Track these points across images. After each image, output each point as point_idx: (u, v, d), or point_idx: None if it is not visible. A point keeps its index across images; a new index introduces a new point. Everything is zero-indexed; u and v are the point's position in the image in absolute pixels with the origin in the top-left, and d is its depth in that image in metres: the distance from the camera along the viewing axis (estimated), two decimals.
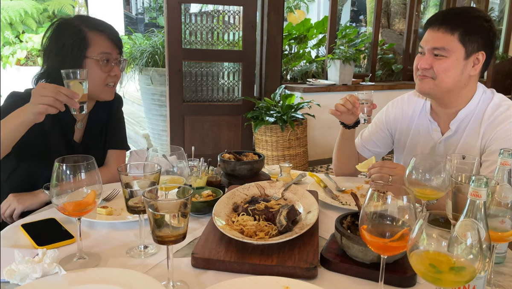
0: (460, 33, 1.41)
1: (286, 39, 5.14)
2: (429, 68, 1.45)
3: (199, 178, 1.46)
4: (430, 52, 1.45)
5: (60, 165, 0.99)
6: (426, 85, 1.49)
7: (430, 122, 1.61)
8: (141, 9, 13.78)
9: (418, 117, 1.66)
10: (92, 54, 1.51)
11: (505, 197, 0.91)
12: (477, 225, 0.72)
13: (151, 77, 4.53)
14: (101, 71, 1.53)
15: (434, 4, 8.08)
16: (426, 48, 1.46)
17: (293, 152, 4.02)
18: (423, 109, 1.65)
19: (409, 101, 1.71)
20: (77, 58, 1.50)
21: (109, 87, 1.58)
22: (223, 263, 1.00)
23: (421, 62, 1.47)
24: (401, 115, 1.71)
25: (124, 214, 1.29)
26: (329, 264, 1.03)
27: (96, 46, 1.52)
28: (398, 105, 1.74)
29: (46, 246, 1.06)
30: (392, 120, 1.74)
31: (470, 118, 1.52)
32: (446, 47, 1.42)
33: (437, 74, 1.44)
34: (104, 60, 1.52)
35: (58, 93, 1.22)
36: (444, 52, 1.42)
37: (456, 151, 1.54)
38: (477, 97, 1.52)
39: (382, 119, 1.77)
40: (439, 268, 0.73)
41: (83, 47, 1.51)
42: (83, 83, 1.31)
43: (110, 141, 1.73)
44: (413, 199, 0.84)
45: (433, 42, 1.44)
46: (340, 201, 1.45)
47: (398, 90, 5.24)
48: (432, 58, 1.45)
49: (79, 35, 1.51)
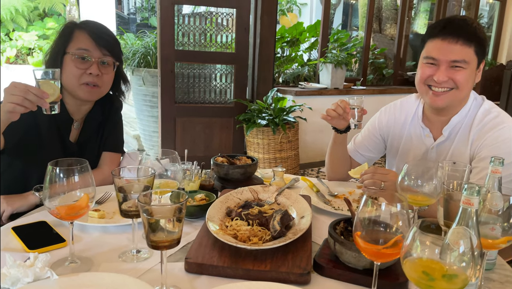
0: (475, 45, 1.43)
1: (279, 42, 5.15)
2: (447, 80, 1.44)
3: (192, 182, 1.46)
4: (448, 64, 1.43)
5: (53, 168, 0.98)
6: (445, 99, 1.47)
7: (422, 129, 1.63)
8: (133, 9, 13.69)
9: (410, 123, 1.68)
10: (70, 50, 1.53)
11: (495, 205, 0.93)
12: (470, 233, 0.73)
13: (143, 78, 4.51)
14: (75, 67, 1.52)
15: (425, 10, 8.17)
16: (443, 60, 1.44)
17: (285, 155, 4.03)
18: (415, 115, 1.67)
19: (402, 107, 1.73)
20: (58, 53, 1.53)
21: (87, 86, 1.55)
22: (216, 268, 1.00)
23: (439, 75, 1.44)
24: (393, 121, 1.73)
25: (116, 217, 1.29)
26: (322, 270, 1.03)
27: (76, 42, 1.54)
28: (391, 111, 1.75)
29: (38, 250, 1.05)
30: (385, 126, 1.75)
31: (461, 125, 1.54)
32: (466, 59, 1.42)
33: (458, 84, 1.44)
34: (80, 56, 1.52)
35: (27, 92, 1.21)
36: (464, 64, 1.42)
37: (447, 157, 1.55)
38: (469, 104, 1.54)
39: (375, 125, 1.79)
40: (432, 276, 0.73)
41: (66, 42, 1.54)
42: (55, 83, 1.29)
43: (105, 144, 1.72)
44: (407, 205, 0.85)
45: (452, 55, 1.42)
46: (333, 206, 1.46)
47: (389, 95, 5.29)
48: (450, 70, 1.44)
49: (66, 30, 1.56)
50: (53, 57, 1.55)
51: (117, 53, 1.62)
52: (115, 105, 1.74)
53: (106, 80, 1.60)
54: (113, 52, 1.60)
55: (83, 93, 1.56)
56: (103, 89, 1.61)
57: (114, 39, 1.63)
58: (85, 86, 1.55)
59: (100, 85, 1.58)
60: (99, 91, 1.60)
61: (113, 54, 1.60)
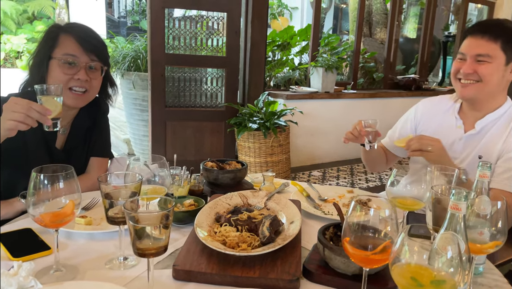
0: (502, 41, 1.50)
1: (270, 46, 5.16)
2: (473, 73, 1.53)
3: (181, 187, 1.44)
4: (473, 58, 1.54)
5: (37, 175, 0.96)
6: (471, 90, 1.57)
7: (456, 119, 1.69)
8: (124, 12, 13.63)
9: (444, 113, 1.75)
10: (57, 55, 1.49)
11: (483, 209, 0.93)
12: (457, 238, 0.73)
13: (133, 81, 4.48)
14: (62, 73, 1.48)
15: (414, 14, 8.26)
16: (469, 55, 1.55)
17: (276, 159, 4.03)
18: (451, 107, 1.74)
19: (440, 100, 1.82)
20: (43, 58, 1.49)
21: (73, 93, 1.52)
22: (204, 275, 0.99)
23: (465, 67, 1.55)
24: (428, 111, 1.81)
25: (103, 223, 1.27)
26: (311, 276, 1.02)
27: (62, 47, 1.50)
28: (427, 103, 1.84)
29: (22, 258, 1.03)
30: (420, 115, 1.83)
31: (496, 123, 1.60)
32: (490, 53, 1.51)
33: (482, 77, 1.53)
34: (66, 62, 1.49)
35: (29, 109, 1.18)
36: (488, 58, 1.51)
37: (473, 151, 1.60)
38: (506, 107, 1.61)
39: (411, 115, 1.86)
40: (420, 281, 0.73)
41: (51, 47, 1.50)
42: (57, 99, 1.27)
43: (93, 149, 1.69)
44: (395, 210, 0.84)
45: (477, 49, 1.53)
46: (323, 211, 1.45)
47: (379, 99, 5.33)
48: (475, 63, 1.53)
49: (51, 34, 1.52)
50: (38, 62, 1.52)
51: (105, 57, 1.59)
52: (102, 108, 1.71)
53: (94, 85, 1.58)
54: (101, 57, 1.57)
55: (70, 100, 1.52)
56: (91, 95, 1.59)
57: (101, 43, 1.60)
58: (72, 93, 1.52)
59: (89, 90, 1.55)
60: (86, 97, 1.57)
61: (101, 58, 1.57)
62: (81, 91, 1.53)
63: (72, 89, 1.51)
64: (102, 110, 1.73)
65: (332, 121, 4.94)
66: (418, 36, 6.71)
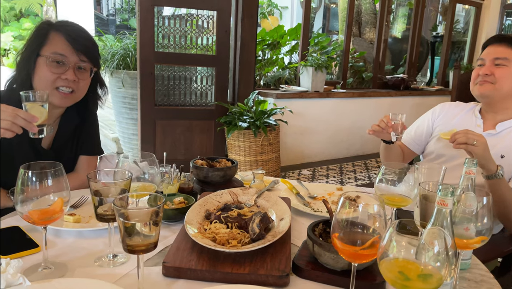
0: None
1: (260, 45, 5.17)
2: (490, 75, 1.65)
3: (171, 185, 1.44)
4: (492, 62, 1.66)
5: (25, 172, 0.96)
6: (486, 89, 1.67)
7: (476, 118, 1.76)
8: (113, 10, 13.51)
9: (465, 114, 1.81)
10: (45, 53, 1.46)
11: (469, 205, 0.95)
12: (444, 233, 0.74)
13: (122, 80, 4.45)
14: (49, 71, 1.46)
15: (403, 14, 8.34)
16: (488, 59, 1.68)
17: (266, 157, 4.04)
18: (472, 108, 1.82)
19: (459, 104, 1.91)
20: (31, 55, 1.47)
21: (60, 92, 1.49)
22: (194, 272, 0.99)
23: (484, 69, 1.67)
24: (447, 110, 1.88)
25: (92, 221, 1.26)
26: (301, 272, 1.03)
27: (51, 45, 1.48)
28: (446, 105, 1.92)
29: (10, 256, 1.02)
30: (437, 114, 1.91)
31: None
32: (508, 57, 1.64)
33: (497, 79, 1.64)
34: (54, 60, 1.46)
35: (15, 117, 1.17)
36: (505, 61, 1.64)
37: (494, 149, 1.61)
38: None
39: (428, 114, 1.93)
40: (407, 276, 0.74)
41: (40, 44, 1.47)
42: (44, 106, 1.25)
43: (82, 147, 1.67)
44: (383, 206, 0.86)
45: (495, 54, 1.66)
46: (312, 208, 1.46)
47: (368, 98, 5.37)
48: (493, 66, 1.65)
49: (41, 31, 1.49)
50: (25, 59, 1.49)
51: (95, 58, 1.56)
52: (90, 106, 1.68)
53: (82, 86, 1.54)
54: (91, 58, 1.54)
55: (57, 99, 1.50)
56: (78, 95, 1.56)
57: (92, 42, 1.56)
58: (59, 92, 1.49)
59: (76, 90, 1.52)
60: (73, 98, 1.54)
61: (91, 59, 1.54)
62: (68, 92, 1.50)
63: (59, 88, 1.49)
64: (90, 107, 1.70)
65: (322, 120, 4.97)
66: (407, 36, 6.77)
